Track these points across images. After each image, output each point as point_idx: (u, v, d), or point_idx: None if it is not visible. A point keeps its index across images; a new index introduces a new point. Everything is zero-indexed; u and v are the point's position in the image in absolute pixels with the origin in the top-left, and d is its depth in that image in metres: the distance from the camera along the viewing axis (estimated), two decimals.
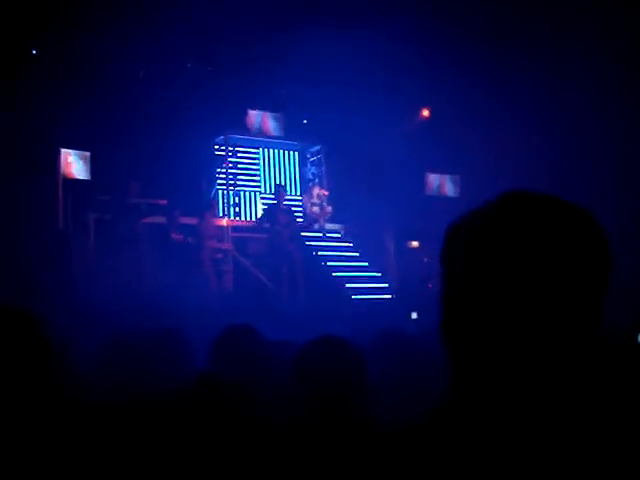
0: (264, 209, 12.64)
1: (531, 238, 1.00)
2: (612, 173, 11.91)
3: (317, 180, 14.41)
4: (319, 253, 12.70)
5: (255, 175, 14.36)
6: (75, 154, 11.19)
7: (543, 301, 0.99)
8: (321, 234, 13.24)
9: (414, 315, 9.61)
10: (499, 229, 1.02)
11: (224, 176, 13.57)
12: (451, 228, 1.10)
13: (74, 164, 11.17)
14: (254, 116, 13.58)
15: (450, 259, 1.09)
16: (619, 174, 11.92)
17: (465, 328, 1.03)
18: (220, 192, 13.55)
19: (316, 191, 13.53)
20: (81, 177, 11.19)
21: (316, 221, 13.27)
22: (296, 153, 14.98)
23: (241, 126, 13.53)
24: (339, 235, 13.56)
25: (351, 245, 13.35)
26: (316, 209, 13.29)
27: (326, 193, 13.47)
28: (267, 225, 11.77)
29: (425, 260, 12.60)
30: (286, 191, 13.15)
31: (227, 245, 11.97)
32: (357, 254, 13.18)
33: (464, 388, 1.04)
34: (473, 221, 1.07)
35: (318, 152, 14.79)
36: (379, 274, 12.79)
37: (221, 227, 12.11)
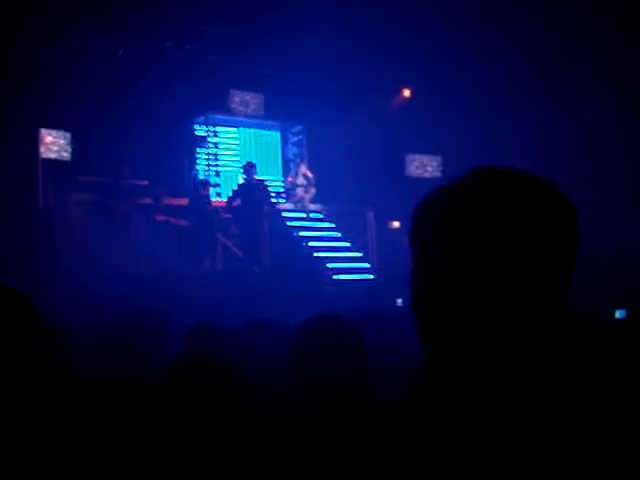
0: (234, 189, 12.40)
1: (499, 213, 1.01)
2: (597, 155, 11.97)
3: (299, 160, 14.33)
4: (300, 234, 12.68)
5: (236, 155, 14.28)
6: (55, 134, 11.09)
7: (512, 275, 1.00)
8: (305, 215, 13.19)
9: (399, 301, 9.20)
10: (467, 206, 1.03)
11: (205, 156, 13.48)
12: (419, 206, 1.10)
13: (54, 144, 11.07)
14: (235, 96, 13.47)
15: (419, 237, 1.09)
16: (605, 156, 11.98)
17: (435, 305, 1.04)
18: (202, 172, 13.46)
19: (302, 169, 13.44)
20: (61, 157, 11.09)
21: (301, 201, 13.17)
22: (278, 133, 14.92)
23: (222, 106, 13.43)
24: (321, 215, 13.54)
25: (333, 226, 13.35)
26: (301, 190, 13.23)
27: (310, 175, 13.38)
28: (238, 203, 11.61)
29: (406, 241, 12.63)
30: (255, 167, 12.87)
31: None
32: (339, 234, 13.18)
33: (436, 365, 1.06)
34: (441, 198, 1.07)
35: (299, 132, 14.73)
36: (361, 254, 12.82)
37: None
